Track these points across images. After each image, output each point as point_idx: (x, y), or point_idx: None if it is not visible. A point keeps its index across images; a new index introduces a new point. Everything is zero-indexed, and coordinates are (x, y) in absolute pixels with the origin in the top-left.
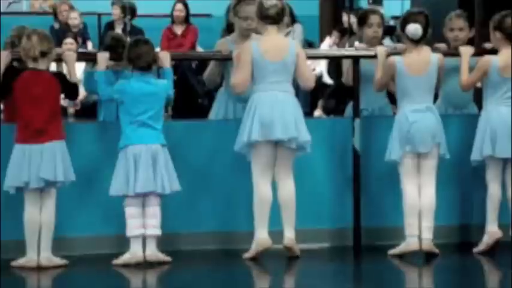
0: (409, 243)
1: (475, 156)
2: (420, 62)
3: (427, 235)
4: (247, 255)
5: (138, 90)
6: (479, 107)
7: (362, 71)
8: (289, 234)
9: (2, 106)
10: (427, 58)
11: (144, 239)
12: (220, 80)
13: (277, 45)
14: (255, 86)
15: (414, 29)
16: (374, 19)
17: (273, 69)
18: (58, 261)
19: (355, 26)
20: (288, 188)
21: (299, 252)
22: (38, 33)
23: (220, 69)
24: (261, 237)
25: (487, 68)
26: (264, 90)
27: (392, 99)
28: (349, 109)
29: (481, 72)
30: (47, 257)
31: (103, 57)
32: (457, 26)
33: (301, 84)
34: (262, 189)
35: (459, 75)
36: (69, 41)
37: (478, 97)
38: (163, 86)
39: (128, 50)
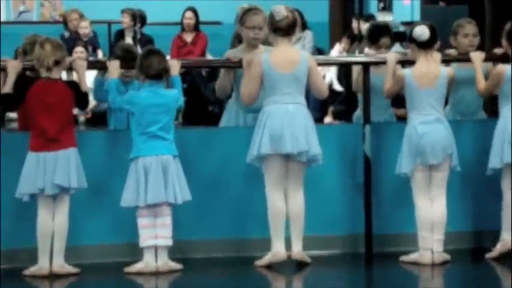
0: (423, 256)
1: (493, 164)
2: (430, 75)
3: (438, 248)
4: (259, 263)
5: (148, 102)
6: (489, 114)
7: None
8: (297, 248)
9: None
10: (437, 71)
11: (155, 249)
12: (231, 90)
13: (288, 57)
14: (266, 98)
15: (420, 29)
16: (384, 42)
17: (284, 81)
18: (70, 268)
19: (364, 32)
20: (298, 201)
21: (309, 260)
22: (51, 42)
23: (231, 79)
24: (277, 250)
25: (501, 78)
26: (275, 103)
27: (394, 103)
28: (355, 116)
29: (495, 82)
30: (60, 263)
31: (114, 65)
32: (471, 31)
33: (315, 94)
34: (275, 202)
35: (473, 83)
36: (79, 49)
37: (487, 104)
38: (174, 96)
39: (140, 60)
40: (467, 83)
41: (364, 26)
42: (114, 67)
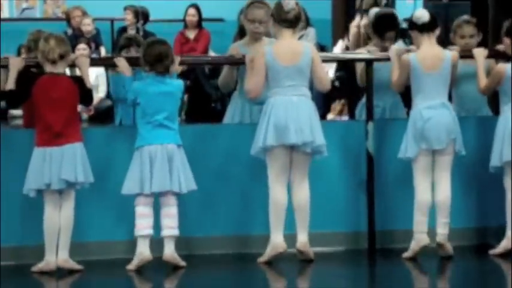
0: (419, 240)
1: (494, 162)
2: (434, 58)
3: (443, 230)
4: (261, 259)
5: (154, 91)
6: (493, 109)
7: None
8: (302, 238)
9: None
10: (441, 54)
11: (155, 240)
12: (234, 84)
13: (291, 48)
14: (270, 90)
15: (420, 12)
16: (389, 36)
17: (288, 73)
18: (74, 264)
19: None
20: (303, 192)
21: (313, 256)
22: (55, 37)
23: (234, 73)
24: (277, 241)
25: (501, 76)
26: (279, 95)
27: (404, 99)
28: (359, 108)
29: (495, 81)
30: (65, 258)
31: (122, 62)
32: (467, 33)
33: (317, 87)
34: (277, 193)
35: (476, 79)
36: (81, 46)
37: (492, 100)
38: (179, 86)
39: (145, 51)
40: (470, 79)
41: (365, 22)
42: (123, 63)
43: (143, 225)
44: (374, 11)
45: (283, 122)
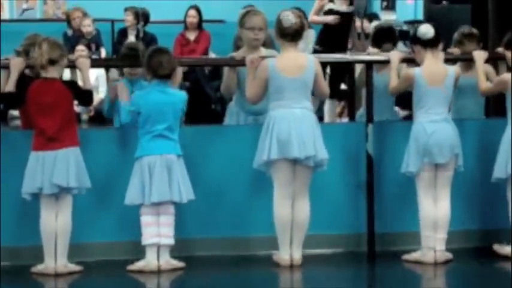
0: (426, 255)
1: (498, 174)
2: (438, 74)
3: (441, 246)
4: (275, 257)
5: (156, 100)
6: (490, 112)
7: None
8: (297, 256)
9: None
10: (445, 70)
11: (158, 248)
12: (236, 89)
13: (295, 62)
14: (272, 102)
15: (425, 28)
16: (386, 48)
17: (291, 86)
18: (73, 267)
19: (367, 30)
20: (303, 209)
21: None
22: (49, 41)
23: (235, 79)
24: (283, 257)
25: (505, 87)
26: (282, 107)
27: (399, 102)
28: (358, 115)
29: (498, 89)
30: (63, 264)
31: (123, 88)
32: (471, 48)
33: (318, 96)
34: (282, 209)
35: (476, 89)
36: (80, 48)
37: (489, 113)
38: (181, 96)
39: (148, 58)
40: (469, 91)
41: (367, 24)
42: (123, 89)
43: (150, 234)
44: (374, 24)
45: (286, 136)
